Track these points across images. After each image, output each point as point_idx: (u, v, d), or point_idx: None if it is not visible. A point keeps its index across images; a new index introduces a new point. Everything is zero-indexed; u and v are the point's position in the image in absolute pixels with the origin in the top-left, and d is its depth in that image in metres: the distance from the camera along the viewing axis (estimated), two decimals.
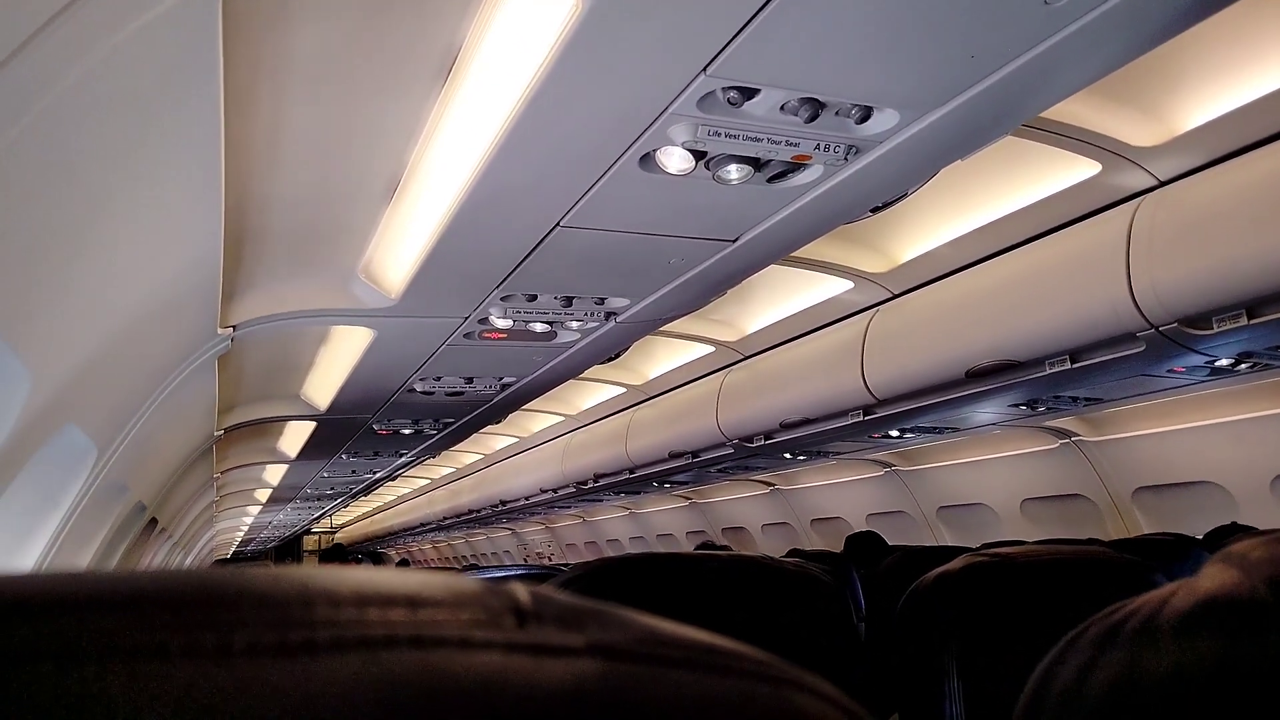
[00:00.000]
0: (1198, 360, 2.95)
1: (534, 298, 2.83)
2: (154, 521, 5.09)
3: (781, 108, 1.63)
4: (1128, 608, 0.46)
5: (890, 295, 3.76)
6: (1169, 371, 3.18)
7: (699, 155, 1.82)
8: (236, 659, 0.21)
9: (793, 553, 4.34)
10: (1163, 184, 2.68)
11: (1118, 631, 0.45)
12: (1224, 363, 3.03)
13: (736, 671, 0.27)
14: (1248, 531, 3.27)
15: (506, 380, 4.04)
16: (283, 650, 0.21)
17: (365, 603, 0.23)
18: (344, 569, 0.26)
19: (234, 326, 2.83)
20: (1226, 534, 3.29)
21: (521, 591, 0.26)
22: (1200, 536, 3.29)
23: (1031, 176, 2.92)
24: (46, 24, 1.07)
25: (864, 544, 4.40)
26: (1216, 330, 2.57)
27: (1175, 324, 2.60)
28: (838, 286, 3.83)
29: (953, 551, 2.69)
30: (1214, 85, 2.40)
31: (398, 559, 16.46)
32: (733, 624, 1.31)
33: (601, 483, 6.62)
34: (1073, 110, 2.45)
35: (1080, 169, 2.76)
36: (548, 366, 3.77)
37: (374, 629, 0.23)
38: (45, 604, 0.21)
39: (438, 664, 0.23)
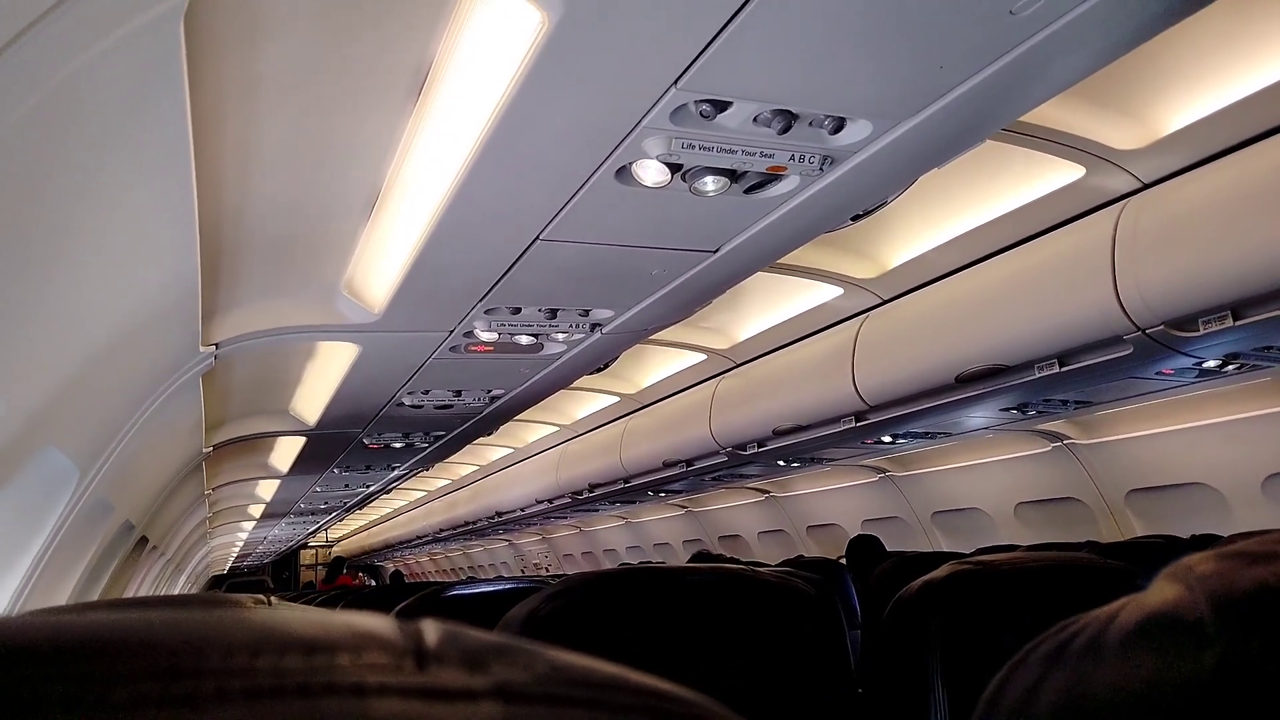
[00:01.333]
0: (1186, 362, 2.95)
1: (518, 310, 2.83)
2: (144, 540, 5.07)
3: (754, 119, 1.63)
4: (1078, 624, 0.46)
5: (880, 301, 3.76)
6: (1158, 373, 3.17)
7: (675, 168, 1.81)
8: (117, 713, 0.20)
9: (793, 560, 4.33)
10: (1146, 186, 2.68)
11: (1065, 648, 0.44)
12: (1212, 364, 3.03)
13: (638, 709, 0.26)
14: (1218, 540, 3.28)
15: (495, 392, 4.03)
16: (165, 702, 0.21)
17: (259, 650, 0.23)
18: (257, 612, 0.25)
19: (216, 344, 2.81)
20: (1211, 539, 3.28)
21: (431, 631, 0.26)
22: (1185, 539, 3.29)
23: (1016, 181, 2.92)
24: (4, 47, 1.06)
25: (865, 548, 4.40)
26: (1203, 332, 2.56)
27: (1162, 326, 2.60)
28: (828, 293, 3.83)
29: (946, 557, 2.68)
30: (1196, 87, 2.40)
31: (393, 570, 16.43)
32: (716, 639, 1.30)
33: (597, 492, 6.60)
34: (1055, 114, 2.45)
35: (1064, 172, 2.76)
36: (536, 378, 3.76)
37: (262, 678, 0.22)
38: None
39: (328, 712, 0.22)
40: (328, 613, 0.26)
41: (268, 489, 7.22)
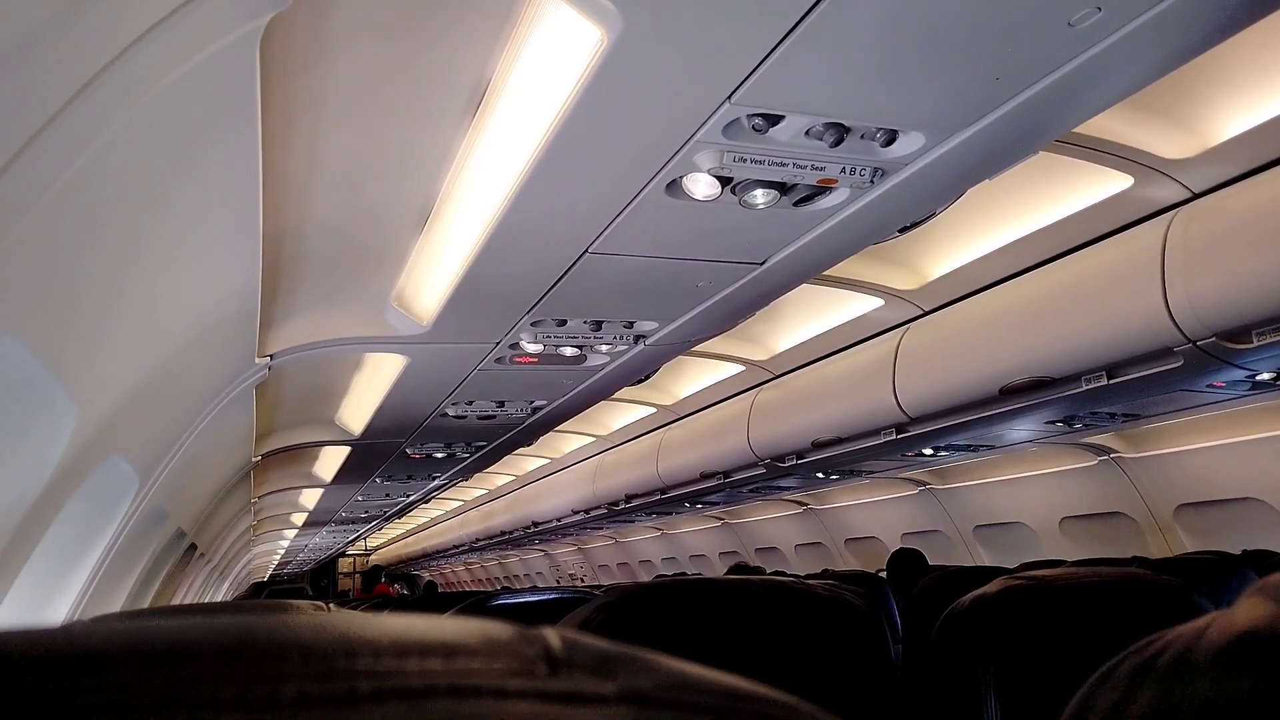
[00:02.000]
0: (1238, 375, 2.90)
1: (564, 322, 2.86)
2: (193, 547, 5.17)
3: (806, 133, 1.64)
4: (1162, 640, 0.46)
5: (921, 312, 3.73)
6: (1209, 386, 3.12)
7: (725, 181, 1.83)
8: (284, 710, 0.22)
9: (825, 573, 4.30)
10: (1196, 196, 2.65)
11: (1151, 666, 0.44)
12: (1265, 377, 2.97)
13: (757, 716, 0.28)
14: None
15: (537, 403, 4.07)
16: (328, 701, 0.22)
17: (404, 652, 0.24)
18: (378, 617, 0.27)
19: (271, 355, 2.88)
20: (1265, 555, 3.21)
21: (553, 637, 0.27)
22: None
23: (1062, 191, 2.90)
24: (98, 74, 1.11)
25: (906, 562, 4.35)
26: (1256, 344, 2.52)
27: (1213, 338, 2.56)
28: (868, 304, 3.81)
29: (989, 572, 2.65)
30: (1247, 96, 2.37)
31: (427, 580, 16.51)
32: (766, 651, 1.31)
33: (633, 503, 6.61)
34: (1103, 124, 2.43)
35: (1112, 182, 2.73)
36: (578, 389, 3.79)
37: (413, 679, 0.23)
38: (100, 658, 0.22)
39: (474, 713, 0.23)
40: (456, 619, 0.28)
41: (311, 498, 7.33)
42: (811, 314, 4.17)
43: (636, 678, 0.26)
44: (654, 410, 5.98)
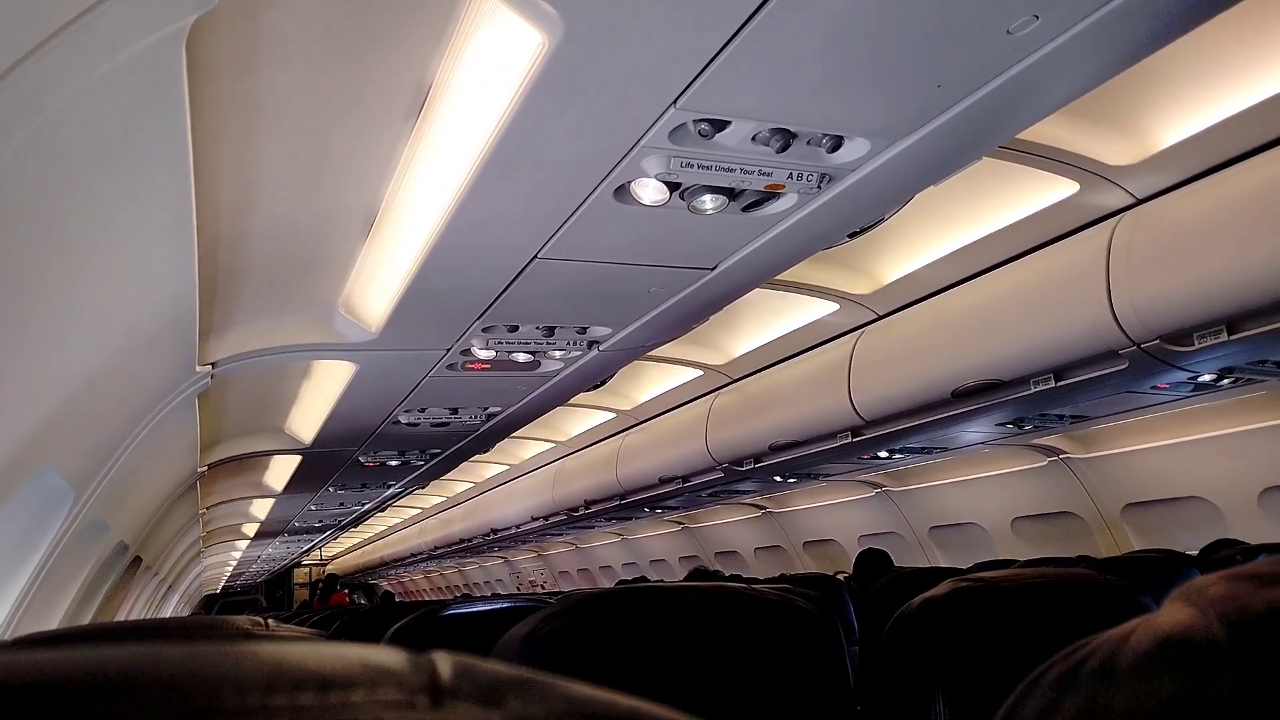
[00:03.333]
0: (1181, 376, 2.96)
1: (515, 328, 2.83)
2: (138, 560, 5.03)
3: (753, 138, 1.64)
4: (1089, 646, 0.46)
5: (875, 316, 3.77)
6: (1153, 388, 3.18)
7: (673, 186, 1.82)
8: None
9: (782, 578, 4.31)
10: (1140, 202, 2.70)
11: (1077, 672, 0.44)
12: (1207, 378, 3.04)
13: None
14: (1234, 545, 3.26)
15: (492, 410, 4.03)
16: None
17: (273, 687, 0.22)
18: (258, 646, 0.25)
19: (213, 363, 2.81)
20: (1217, 549, 3.28)
21: (443, 663, 0.25)
22: (1193, 553, 3.28)
23: (1010, 197, 2.94)
24: (7, 72, 1.06)
25: (873, 562, 4.40)
26: (1198, 346, 2.57)
27: (1157, 341, 2.61)
28: (823, 309, 3.84)
29: (944, 573, 2.66)
30: (1189, 103, 2.42)
31: (384, 589, 16.30)
32: (717, 658, 1.30)
33: (593, 509, 6.58)
34: (1049, 131, 2.47)
35: (1058, 189, 2.77)
36: (533, 395, 3.76)
37: (279, 715, 0.22)
38: None
39: None
40: (339, 646, 0.26)
41: (262, 508, 7.19)
42: (767, 319, 4.18)
43: (529, 705, 0.25)
44: (613, 415, 5.96)
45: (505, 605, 2.19)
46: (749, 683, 1.29)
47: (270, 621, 1.12)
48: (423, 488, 7.03)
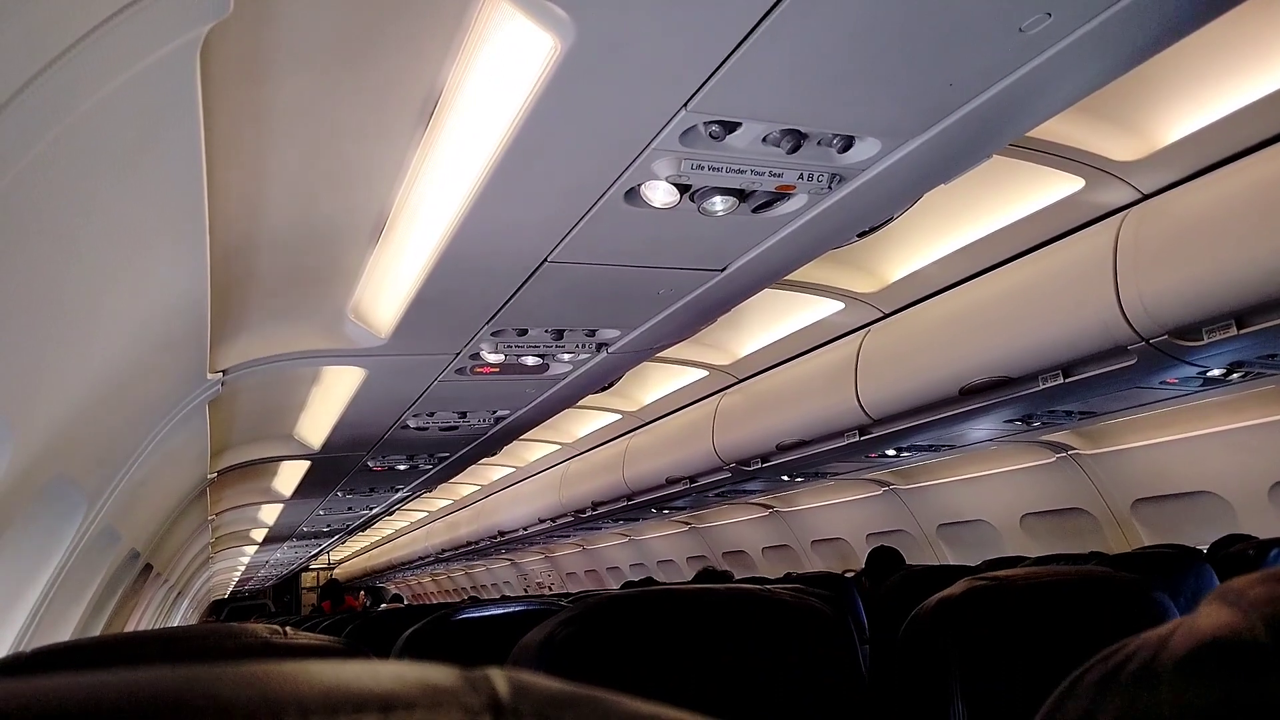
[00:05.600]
0: (1190, 371, 2.96)
1: (524, 332, 2.83)
2: (149, 567, 5.04)
3: (763, 140, 1.64)
4: (1127, 649, 0.45)
5: (881, 315, 3.77)
6: (1162, 383, 3.18)
7: (683, 188, 1.82)
8: None
9: (788, 577, 4.31)
10: (1146, 197, 2.70)
11: (1116, 675, 0.44)
12: (1216, 373, 3.04)
13: None
14: (1245, 540, 3.25)
15: (500, 413, 4.03)
16: None
17: (335, 709, 0.22)
18: (310, 665, 0.25)
19: (224, 371, 2.81)
20: (1228, 544, 3.28)
21: (500, 681, 0.25)
22: (1204, 549, 3.27)
23: (1016, 194, 2.94)
24: (27, 84, 1.07)
25: (885, 560, 4.41)
26: (1207, 341, 2.57)
27: (1165, 336, 2.61)
28: (829, 308, 3.84)
29: (954, 571, 2.66)
30: (1194, 98, 2.42)
31: (392, 592, 16.29)
32: (734, 660, 1.30)
33: (600, 510, 6.58)
34: (1055, 128, 2.47)
35: (1064, 185, 2.77)
36: (541, 398, 3.76)
37: None
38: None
39: None
40: (396, 665, 0.25)
41: (270, 513, 7.20)
42: (774, 318, 4.18)
43: None
44: (619, 417, 5.96)
45: (517, 609, 2.19)
46: (764, 685, 1.29)
47: (288, 629, 1.12)
48: (430, 491, 7.04)
